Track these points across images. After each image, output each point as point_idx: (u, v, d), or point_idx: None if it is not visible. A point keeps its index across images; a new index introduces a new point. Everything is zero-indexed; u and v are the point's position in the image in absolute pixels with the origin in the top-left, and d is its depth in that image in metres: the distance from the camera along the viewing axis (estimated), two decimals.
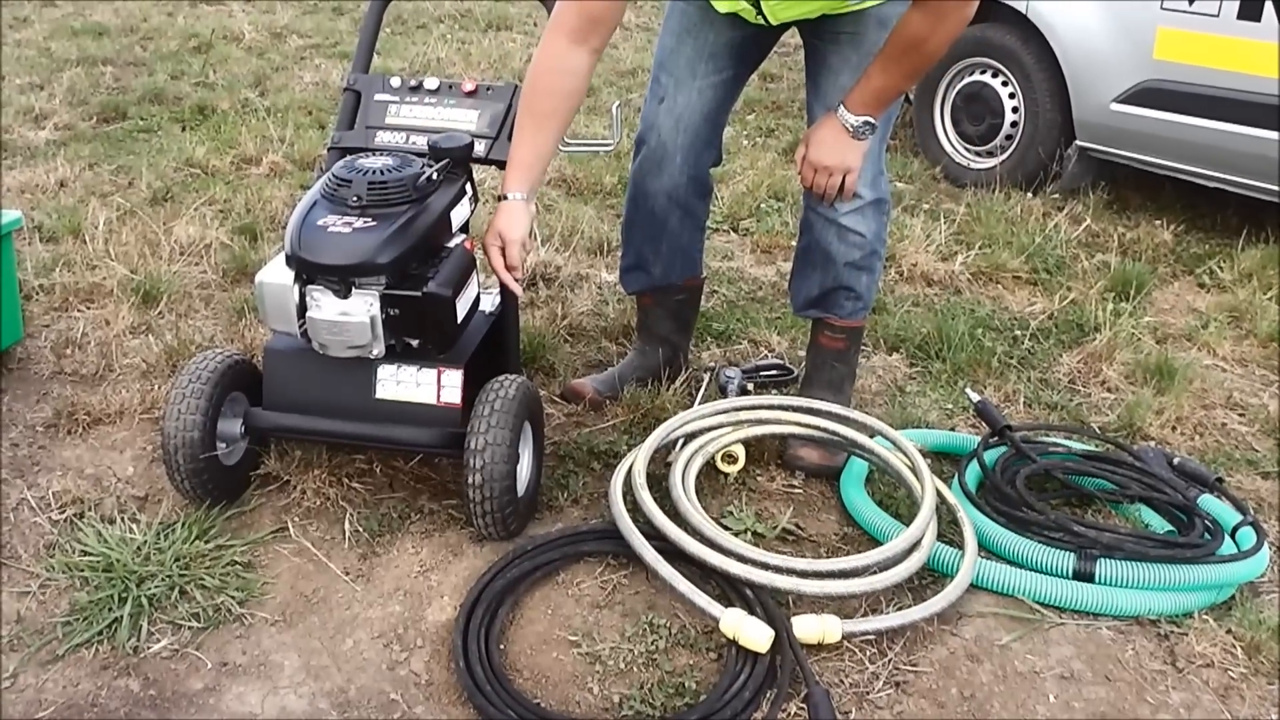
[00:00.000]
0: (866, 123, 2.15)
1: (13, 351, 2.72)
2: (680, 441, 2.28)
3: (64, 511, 2.17)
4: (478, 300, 2.21)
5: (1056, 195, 4.16)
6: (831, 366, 2.50)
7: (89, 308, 2.99)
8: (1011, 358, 2.93)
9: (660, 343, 2.63)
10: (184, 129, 4.72)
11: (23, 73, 5.47)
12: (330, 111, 4.89)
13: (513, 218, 2.10)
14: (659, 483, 2.16)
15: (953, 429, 2.58)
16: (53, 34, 6.45)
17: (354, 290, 2.00)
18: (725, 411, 2.33)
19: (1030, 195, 4.13)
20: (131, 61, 5.86)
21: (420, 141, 2.27)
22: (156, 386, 2.57)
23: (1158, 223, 3.94)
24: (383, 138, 2.33)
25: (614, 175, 4.11)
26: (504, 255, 2.10)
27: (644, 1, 8.36)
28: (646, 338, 2.65)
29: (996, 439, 2.36)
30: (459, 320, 2.07)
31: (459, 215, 2.19)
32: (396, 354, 2.09)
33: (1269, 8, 3.52)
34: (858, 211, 2.30)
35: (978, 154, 4.45)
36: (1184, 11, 3.69)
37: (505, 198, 2.11)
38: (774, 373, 2.71)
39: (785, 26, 2.27)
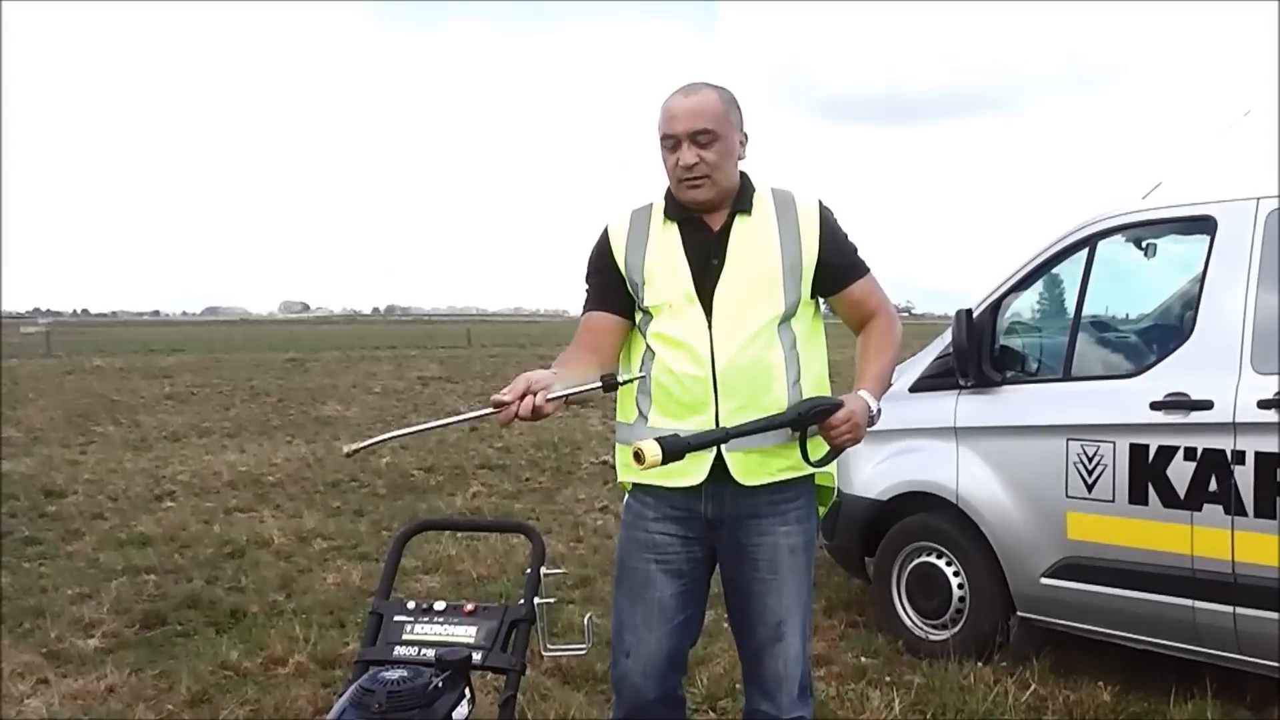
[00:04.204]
0: (879, 410, 2.63)
1: None
2: None
3: None
4: None
5: (1005, 662, 4.57)
6: None
7: None
8: None
9: None
10: (218, 632, 5.22)
11: (74, 583, 6.06)
12: (348, 610, 5.44)
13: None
14: None
15: None
16: (100, 544, 7.16)
17: None
18: None
19: (981, 664, 4.53)
20: (171, 569, 6.49)
21: (430, 654, 2.77)
22: None
23: (1099, 684, 4.29)
24: (399, 651, 2.83)
25: (604, 661, 4.52)
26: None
27: None
28: None
29: None
30: None
31: (459, 716, 2.63)
32: None
33: (1152, 493, 4.17)
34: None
35: (934, 627, 4.92)
36: (1085, 499, 4.35)
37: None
38: None
39: (728, 528, 2.71)
